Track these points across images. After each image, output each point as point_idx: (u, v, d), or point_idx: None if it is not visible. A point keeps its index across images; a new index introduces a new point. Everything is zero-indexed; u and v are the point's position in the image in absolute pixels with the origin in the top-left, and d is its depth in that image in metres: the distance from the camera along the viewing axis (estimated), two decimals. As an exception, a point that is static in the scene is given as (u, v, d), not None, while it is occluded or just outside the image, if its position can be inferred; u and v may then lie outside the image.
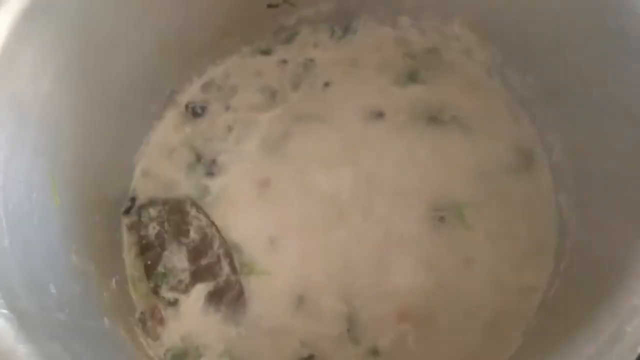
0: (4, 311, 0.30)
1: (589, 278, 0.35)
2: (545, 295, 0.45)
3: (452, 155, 0.53)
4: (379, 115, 0.56)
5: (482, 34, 0.53)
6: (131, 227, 0.53)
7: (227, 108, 0.58)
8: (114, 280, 0.48)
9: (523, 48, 0.49)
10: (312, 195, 0.53)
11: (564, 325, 0.31)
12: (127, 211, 0.54)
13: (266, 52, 0.60)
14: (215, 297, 0.50)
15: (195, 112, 0.58)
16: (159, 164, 0.56)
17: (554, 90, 0.47)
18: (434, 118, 0.55)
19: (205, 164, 0.55)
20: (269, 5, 0.57)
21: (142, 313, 0.50)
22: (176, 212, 0.53)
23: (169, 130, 0.57)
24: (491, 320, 0.47)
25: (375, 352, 0.48)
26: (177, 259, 0.51)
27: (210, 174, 0.55)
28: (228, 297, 0.50)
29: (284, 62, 0.60)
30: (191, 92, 0.59)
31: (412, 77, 0.57)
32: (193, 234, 0.52)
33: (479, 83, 0.56)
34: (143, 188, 0.55)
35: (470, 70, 0.56)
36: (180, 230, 0.52)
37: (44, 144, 0.41)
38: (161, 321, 0.49)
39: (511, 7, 0.47)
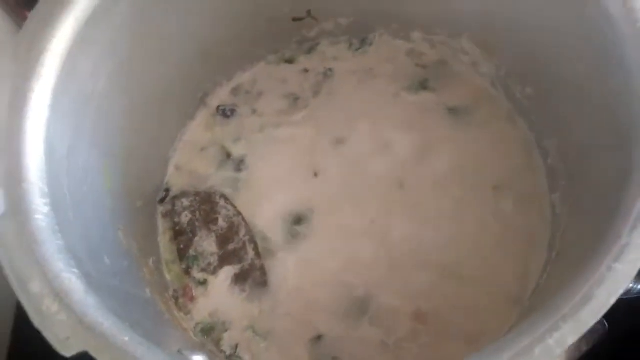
0: (75, 270, 0.36)
1: (575, 262, 0.40)
2: (539, 281, 0.50)
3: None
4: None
5: (487, 49, 0.58)
6: (165, 215, 0.59)
7: (254, 111, 0.63)
8: (151, 260, 0.54)
9: (523, 62, 0.54)
10: (333, 192, 0.58)
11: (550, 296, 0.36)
12: (162, 200, 0.59)
13: (290, 61, 0.66)
14: (240, 279, 0.55)
15: (225, 114, 0.63)
16: (191, 159, 0.61)
17: (550, 101, 0.52)
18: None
19: (235, 162, 0.60)
20: (294, 19, 0.63)
21: (175, 291, 0.55)
22: (206, 203, 0.59)
23: (200, 130, 0.63)
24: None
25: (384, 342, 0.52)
26: (206, 244, 0.57)
27: (238, 170, 0.60)
28: (252, 279, 0.55)
29: (306, 70, 0.65)
30: (221, 96, 0.64)
31: (422, 85, 0.62)
32: (221, 222, 0.58)
33: (484, 92, 0.61)
34: (176, 180, 0.61)
35: (476, 81, 0.61)
36: (210, 219, 0.58)
37: (99, 136, 0.47)
38: (192, 298, 0.55)
39: (512, 25, 0.52)
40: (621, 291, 0.31)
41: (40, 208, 0.37)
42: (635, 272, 0.31)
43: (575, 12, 0.42)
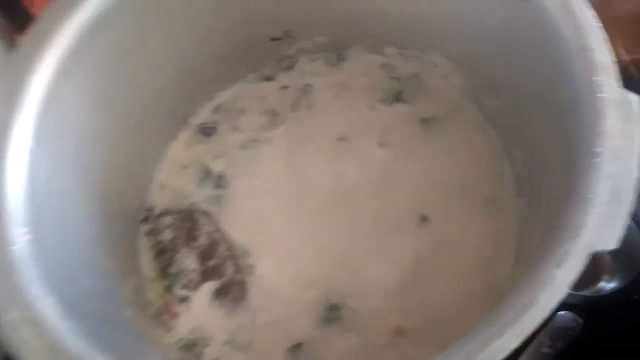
0: (52, 297, 0.37)
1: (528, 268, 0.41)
2: (506, 283, 0.51)
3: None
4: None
5: (456, 63, 0.60)
6: (148, 234, 0.60)
7: (235, 128, 0.65)
8: (132, 280, 0.55)
9: (489, 75, 0.56)
10: (313, 203, 0.60)
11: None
12: (145, 220, 0.61)
13: (269, 79, 0.68)
14: (221, 294, 0.57)
15: (206, 132, 0.65)
16: (174, 178, 0.63)
17: (514, 112, 0.54)
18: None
19: (214, 178, 0.62)
20: (272, 39, 0.65)
21: (157, 308, 0.57)
22: (188, 220, 0.60)
23: (182, 148, 0.64)
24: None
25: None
26: (188, 261, 0.58)
27: (218, 186, 0.62)
28: (232, 293, 0.57)
29: (285, 87, 0.67)
30: (203, 115, 0.66)
31: (397, 97, 0.64)
32: (202, 239, 0.59)
33: (455, 103, 0.62)
34: (159, 199, 0.62)
35: (447, 93, 0.63)
36: (191, 236, 0.59)
37: (79, 161, 0.49)
38: (174, 315, 0.56)
39: (477, 40, 0.54)
40: (561, 297, 0.32)
41: (19, 237, 0.39)
42: (574, 278, 0.33)
43: (529, 29, 0.44)
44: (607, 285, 0.61)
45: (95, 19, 0.46)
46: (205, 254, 0.58)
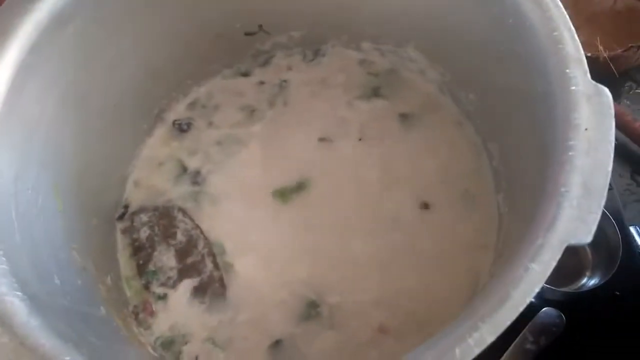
0: (19, 293, 0.37)
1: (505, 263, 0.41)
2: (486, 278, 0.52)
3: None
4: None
5: (431, 57, 0.61)
6: (125, 231, 0.60)
7: (210, 124, 0.65)
8: (109, 277, 0.54)
9: (464, 70, 0.56)
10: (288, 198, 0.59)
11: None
12: (121, 217, 0.60)
13: (245, 74, 0.67)
14: (199, 291, 0.56)
15: (181, 128, 0.64)
16: (149, 175, 0.62)
17: (489, 107, 0.54)
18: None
19: (191, 175, 0.62)
20: (246, 33, 0.64)
21: (135, 306, 0.56)
22: (165, 217, 0.60)
23: (157, 145, 0.64)
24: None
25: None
26: (166, 258, 0.58)
27: (195, 183, 0.61)
28: (211, 290, 0.56)
29: (262, 83, 0.67)
30: (178, 111, 0.66)
31: (375, 93, 0.64)
32: (180, 236, 0.59)
33: (432, 98, 0.63)
34: (135, 196, 0.61)
35: (424, 87, 0.63)
36: (168, 233, 0.59)
37: (48, 158, 0.48)
38: (152, 313, 0.55)
39: (449, 35, 0.54)
40: (537, 290, 0.33)
41: (-18, 235, 0.38)
42: (549, 272, 0.33)
43: (501, 23, 0.44)
44: (589, 281, 0.62)
45: (57, 11, 0.45)
46: (183, 252, 0.58)
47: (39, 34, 0.45)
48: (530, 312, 0.57)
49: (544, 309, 0.58)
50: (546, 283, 0.33)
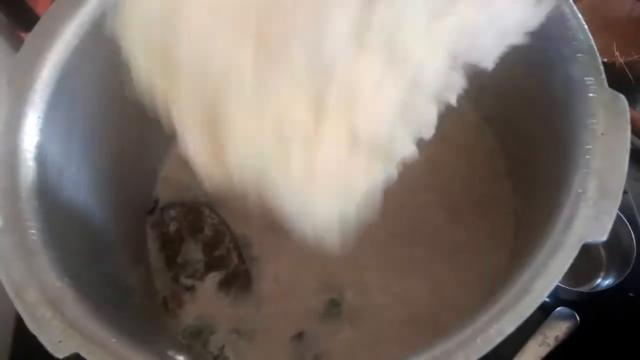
0: (67, 280, 0.39)
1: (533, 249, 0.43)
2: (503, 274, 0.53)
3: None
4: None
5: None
6: (154, 225, 0.62)
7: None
8: (141, 269, 0.57)
9: (483, 77, 0.58)
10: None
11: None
12: (151, 211, 0.63)
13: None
14: (225, 284, 0.58)
15: None
16: (178, 171, 0.64)
17: (508, 113, 0.56)
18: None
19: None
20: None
21: (164, 297, 0.58)
22: (192, 213, 0.62)
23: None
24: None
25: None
26: (193, 252, 0.60)
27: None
28: (236, 283, 0.58)
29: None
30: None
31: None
32: (207, 231, 0.61)
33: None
34: (164, 192, 0.64)
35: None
36: (196, 228, 0.61)
37: (88, 154, 0.51)
38: (180, 304, 0.58)
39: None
40: (555, 284, 0.35)
41: (33, 224, 0.41)
42: (566, 268, 0.35)
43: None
44: (603, 282, 0.63)
45: (97, 17, 0.48)
46: (210, 245, 0.60)
47: (81, 37, 0.48)
48: (544, 311, 0.59)
49: (558, 308, 0.60)
50: (561, 283, 0.35)
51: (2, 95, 0.45)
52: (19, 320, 0.39)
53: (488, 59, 0.38)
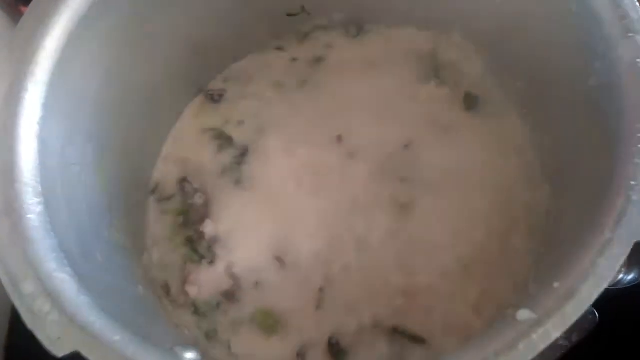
0: (68, 269, 0.36)
1: (561, 256, 0.40)
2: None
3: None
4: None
5: (479, 44, 0.59)
6: (160, 200, 0.58)
7: (244, 97, 0.63)
8: (145, 255, 0.54)
9: (513, 57, 0.54)
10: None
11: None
12: (154, 191, 0.59)
13: (280, 48, 0.65)
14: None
15: (213, 99, 0.63)
16: (182, 148, 0.61)
17: (539, 96, 0.52)
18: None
19: (226, 143, 0.60)
20: (288, 14, 0.63)
21: (178, 276, 0.54)
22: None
23: (191, 118, 0.63)
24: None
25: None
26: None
27: (236, 155, 0.60)
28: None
29: (294, 59, 0.64)
30: (213, 87, 0.64)
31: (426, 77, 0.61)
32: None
33: (479, 85, 0.60)
34: (169, 169, 0.60)
35: (471, 72, 0.60)
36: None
37: (93, 131, 0.48)
38: (193, 282, 0.54)
39: (506, 22, 0.52)
40: (605, 286, 0.31)
41: (33, 207, 0.38)
42: (618, 267, 0.32)
43: (561, 10, 0.43)
44: (625, 277, 0.60)
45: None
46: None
47: (88, 8, 0.44)
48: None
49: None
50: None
51: (2, 68, 0.41)
52: (15, 314, 0.36)
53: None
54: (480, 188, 0.55)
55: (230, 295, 0.53)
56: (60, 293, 0.35)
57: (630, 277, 0.60)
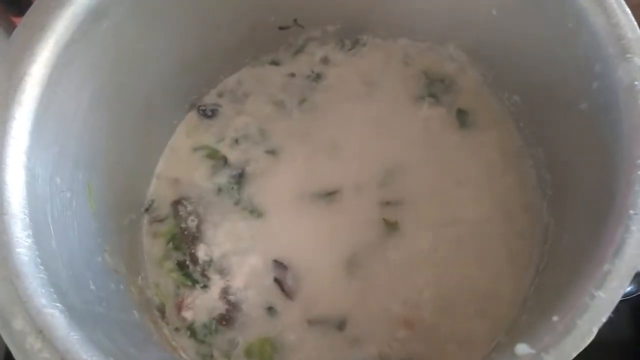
0: (58, 305, 0.35)
1: (558, 280, 0.40)
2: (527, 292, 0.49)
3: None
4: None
5: (473, 56, 0.58)
6: (151, 222, 0.58)
7: (239, 113, 0.62)
8: (139, 279, 0.53)
9: (509, 70, 0.53)
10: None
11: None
12: (147, 210, 0.58)
13: (275, 63, 0.65)
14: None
15: (205, 114, 0.62)
16: (176, 167, 0.60)
17: (536, 111, 0.52)
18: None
19: (221, 162, 0.60)
20: (280, 27, 0.62)
21: (161, 305, 0.54)
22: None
23: (184, 135, 0.62)
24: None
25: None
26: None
27: (233, 175, 0.59)
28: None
29: (292, 75, 0.64)
30: (206, 102, 0.63)
31: (426, 94, 0.61)
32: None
33: (477, 96, 0.60)
34: (162, 190, 0.59)
35: (467, 85, 0.60)
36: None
37: (82, 155, 0.46)
38: (188, 307, 0.54)
39: (503, 36, 0.52)
40: (604, 319, 0.31)
41: (22, 241, 0.37)
42: (617, 301, 0.31)
43: (559, 26, 0.42)
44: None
45: (92, 7, 0.43)
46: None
47: (74, 29, 0.43)
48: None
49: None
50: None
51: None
52: (7, 352, 0.35)
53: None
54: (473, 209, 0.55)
55: (226, 320, 0.53)
56: (51, 329, 0.34)
57: (628, 289, 0.60)
